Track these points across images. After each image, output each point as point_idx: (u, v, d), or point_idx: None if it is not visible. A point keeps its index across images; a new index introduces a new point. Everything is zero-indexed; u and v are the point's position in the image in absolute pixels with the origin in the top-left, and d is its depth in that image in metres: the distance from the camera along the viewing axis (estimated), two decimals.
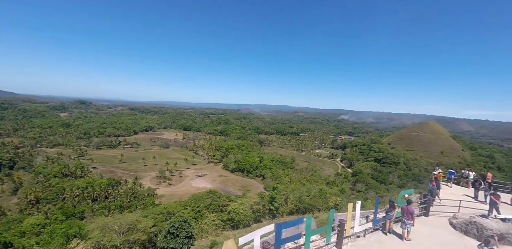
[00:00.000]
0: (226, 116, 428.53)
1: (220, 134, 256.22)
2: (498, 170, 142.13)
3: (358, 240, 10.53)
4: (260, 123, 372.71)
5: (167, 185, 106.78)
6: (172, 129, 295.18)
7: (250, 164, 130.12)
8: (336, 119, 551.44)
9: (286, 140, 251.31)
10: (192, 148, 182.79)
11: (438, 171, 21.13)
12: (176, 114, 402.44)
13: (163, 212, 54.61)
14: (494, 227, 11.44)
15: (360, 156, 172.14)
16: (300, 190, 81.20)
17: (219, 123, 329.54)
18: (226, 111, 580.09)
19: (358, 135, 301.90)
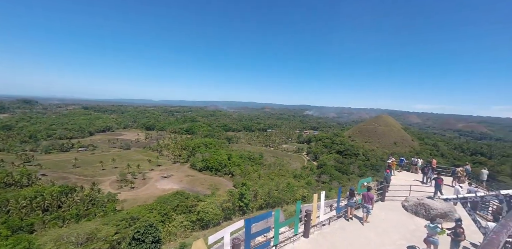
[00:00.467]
0: (192, 113, 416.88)
1: (186, 132, 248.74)
2: (442, 156, 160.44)
3: (323, 228, 11.05)
4: (228, 120, 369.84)
5: (130, 189, 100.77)
6: (133, 128, 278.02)
7: (219, 162, 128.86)
8: (302, 115, 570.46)
9: (254, 137, 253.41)
10: (156, 148, 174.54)
11: (391, 160, 23.07)
12: (137, 112, 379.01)
13: (126, 218, 51.57)
14: (438, 207, 12.86)
15: (324, 149, 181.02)
16: (269, 185, 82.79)
17: (184, 121, 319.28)
18: (192, 108, 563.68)
19: (322, 129, 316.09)
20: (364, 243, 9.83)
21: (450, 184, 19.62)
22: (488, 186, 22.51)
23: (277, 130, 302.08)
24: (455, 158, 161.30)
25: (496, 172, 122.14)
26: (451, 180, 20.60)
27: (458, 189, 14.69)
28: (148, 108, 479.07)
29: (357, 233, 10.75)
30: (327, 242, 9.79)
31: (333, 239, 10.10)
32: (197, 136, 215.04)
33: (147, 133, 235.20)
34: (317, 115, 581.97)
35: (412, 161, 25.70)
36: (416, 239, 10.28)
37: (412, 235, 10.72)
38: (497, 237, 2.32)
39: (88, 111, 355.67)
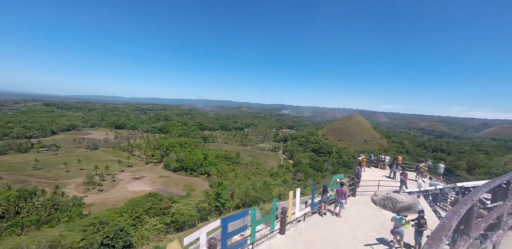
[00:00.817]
0: (165, 112, 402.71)
1: (160, 131, 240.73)
2: (407, 153, 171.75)
3: (299, 224, 11.32)
4: (204, 119, 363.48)
5: (98, 192, 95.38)
6: (101, 127, 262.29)
7: (194, 162, 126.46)
8: (278, 114, 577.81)
9: (231, 136, 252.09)
10: (127, 148, 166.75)
11: (362, 157, 24.28)
12: (106, 110, 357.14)
13: (94, 223, 48.83)
14: (404, 200, 13.77)
15: (300, 148, 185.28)
16: (246, 184, 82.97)
17: (158, 119, 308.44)
18: (165, 106, 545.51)
19: (297, 128, 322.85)
20: (337, 237, 10.24)
21: (414, 179, 21.10)
22: (446, 179, 24.56)
23: (254, 129, 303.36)
24: (418, 154, 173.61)
25: (454, 167, 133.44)
26: (415, 175, 22.17)
27: (421, 183, 15.83)
28: (118, 105, 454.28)
29: (330, 227, 11.16)
30: (303, 238, 10.05)
31: (308, 234, 10.40)
32: (171, 135, 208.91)
33: (116, 132, 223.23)
34: (293, 115, 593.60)
35: (380, 157, 27.25)
36: (384, 230, 10.91)
37: (381, 227, 11.38)
38: (449, 222, 2.66)
39: (51, 108, 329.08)
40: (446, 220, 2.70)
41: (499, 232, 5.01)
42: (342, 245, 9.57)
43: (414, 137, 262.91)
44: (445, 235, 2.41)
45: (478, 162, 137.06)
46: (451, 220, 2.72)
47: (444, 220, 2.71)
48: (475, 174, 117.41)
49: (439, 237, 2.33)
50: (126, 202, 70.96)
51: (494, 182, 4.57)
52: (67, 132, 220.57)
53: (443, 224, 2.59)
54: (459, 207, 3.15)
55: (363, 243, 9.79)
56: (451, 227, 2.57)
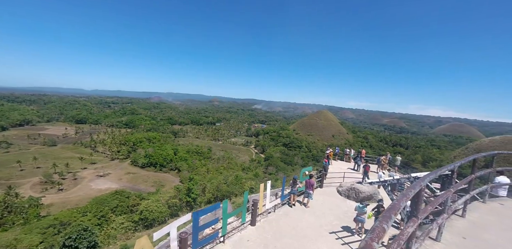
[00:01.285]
0: (132, 105, 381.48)
1: (126, 126, 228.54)
2: (370, 147, 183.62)
3: (269, 216, 11.68)
4: (174, 113, 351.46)
5: (57, 191, 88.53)
6: (60, 122, 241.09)
7: (164, 158, 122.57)
8: (250, 109, 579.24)
9: (202, 130, 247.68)
10: (90, 144, 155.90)
11: (329, 151, 25.54)
12: (65, 103, 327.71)
13: (54, 224, 45.50)
14: (366, 190, 14.85)
15: (271, 142, 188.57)
16: (218, 179, 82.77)
17: (123, 113, 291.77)
18: (132, 100, 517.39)
19: (269, 123, 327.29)
20: (305, 226, 10.78)
21: (376, 171, 22.80)
22: (404, 171, 26.85)
23: (226, 124, 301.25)
24: (380, 148, 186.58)
25: (411, 160, 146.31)
26: (376, 167, 23.95)
27: (381, 175, 17.16)
28: (78, 98, 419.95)
29: (299, 217, 11.70)
30: (273, 228, 10.42)
31: (278, 224, 10.80)
32: (138, 130, 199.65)
33: (77, 127, 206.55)
34: (265, 110, 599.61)
35: (345, 151, 28.98)
36: (347, 219, 11.73)
37: (345, 216, 12.19)
38: (398, 203, 3.06)
39: None
40: (396, 201, 3.09)
41: (443, 216, 5.71)
42: (309, 234, 10.11)
43: (377, 133, 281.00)
44: (394, 213, 2.75)
45: (431, 155, 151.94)
46: (400, 201, 3.12)
47: (394, 201, 3.11)
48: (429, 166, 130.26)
49: (389, 215, 2.66)
50: (89, 201, 66.91)
51: (440, 170, 5.18)
52: (20, 128, 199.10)
53: (393, 205, 2.96)
54: (408, 191, 3.58)
55: (328, 231, 10.43)
56: (400, 207, 2.94)
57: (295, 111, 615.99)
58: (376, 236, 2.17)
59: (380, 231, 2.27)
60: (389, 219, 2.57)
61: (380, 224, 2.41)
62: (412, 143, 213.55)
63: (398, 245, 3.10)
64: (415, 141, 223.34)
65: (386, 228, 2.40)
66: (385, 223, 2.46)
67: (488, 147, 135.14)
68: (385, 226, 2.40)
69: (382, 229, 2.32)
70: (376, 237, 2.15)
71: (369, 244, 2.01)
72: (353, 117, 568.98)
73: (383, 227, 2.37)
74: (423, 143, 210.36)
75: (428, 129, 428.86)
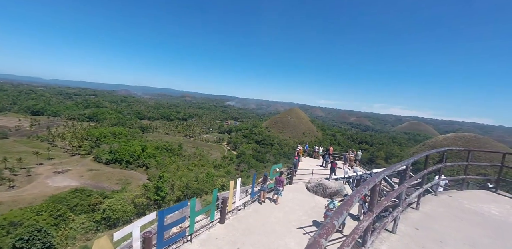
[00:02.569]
0: (96, 98, 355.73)
1: (89, 119, 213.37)
2: (338, 144, 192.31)
3: (239, 213, 11.70)
4: (142, 107, 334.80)
5: (8, 188, 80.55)
6: (12, 113, 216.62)
7: (130, 154, 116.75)
8: (223, 105, 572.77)
9: (173, 126, 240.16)
10: (47, 137, 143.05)
11: (299, 148, 26.25)
12: (19, 92, 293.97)
13: (2, 225, 41.21)
14: (332, 186, 15.52)
15: (244, 139, 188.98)
16: (188, 176, 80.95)
17: (86, 106, 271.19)
18: (96, 91, 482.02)
19: (242, 120, 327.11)
20: (274, 222, 10.98)
21: (341, 167, 23.96)
22: (368, 167, 28.55)
23: (198, 120, 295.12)
24: (348, 145, 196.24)
25: (375, 156, 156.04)
26: (342, 164, 25.17)
27: (347, 171, 18.06)
28: (35, 88, 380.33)
29: (268, 214, 11.88)
30: (242, 225, 10.46)
31: (247, 221, 10.86)
32: (103, 124, 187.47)
33: (33, 119, 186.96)
34: (238, 106, 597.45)
35: (314, 148, 30.00)
36: (315, 214, 12.17)
37: (313, 211, 12.64)
38: (351, 199, 3.17)
39: None
40: (349, 197, 3.20)
41: (399, 209, 6.16)
42: (277, 229, 10.32)
43: (345, 130, 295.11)
44: (346, 209, 2.85)
45: (393, 152, 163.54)
46: (353, 197, 3.23)
47: (348, 197, 3.21)
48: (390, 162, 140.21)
49: (341, 211, 2.76)
50: (46, 199, 61.69)
51: (395, 166, 5.56)
52: None
53: (346, 201, 3.07)
54: (362, 187, 3.72)
55: (296, 227, 10.74)
56: (352, 203, 3.06)
57: (268, 108, 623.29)
58: (325, 232, 2.16)
59: (330, 228, 2.29)
60: (340, 215, 2.62)
61: (331, 221, 2.43)
62: (376, 140, 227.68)
63: (352, 239, 3.27)
64: (379, 139, 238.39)
65: (336, 224, 2.43)
66: (336, 219, 2.50)
67: (442, 143, 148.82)
68: (335, 222, 2.43)
69: (332, 226, 2.35)
70: (325, 233, 2.13)
71: (317, 240, 1.99)
72: (323, 115, 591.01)
73: (333, 223, 2.40)
74: (386, 141, 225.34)
75: (390, 127, 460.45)
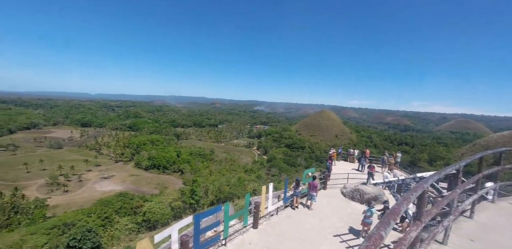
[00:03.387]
0: (135, 108, 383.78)
1: (130, 129, 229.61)
2: (375, 147, 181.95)
3: (271, 218, 11.50)
4: (176, 115, 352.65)
5: (62, 193, 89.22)
6: (66, 125, 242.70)
7: (167, 160, 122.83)
8: (252, 110, 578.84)
9: (205, 132, 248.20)
10: (94, 146, 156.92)
11: (332, 151, 25.26)
12: (70, 107, 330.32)
13: (58, 225, 45.69)
14: (370, 191, 14.60)
15: (274, 143, 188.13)
16: (220, 181, 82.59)
17: (127, 116, 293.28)
18: (135, 103, 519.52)
19: (271, 124, 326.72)
20: (308, 229, 10.58)
21: (380, 171, 22.50)
22: (410, 171, 26.48)
23: (228, 126, 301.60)
24: (385, 148, 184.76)
25: (417, 159, 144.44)
26: (381, 167, 23.66)
27: (386, 175, 16.90)
28: (83, 102, 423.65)
29: (302, 220, 11.50)
30: (275, 231, 10.24)
31: (280, 227, 10.62)
32: (142, 133, 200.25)
33: (82, 130, 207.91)
34: (267, 111, 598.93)
35: (349, 151, 28.58)
36: (352, 221, 11.50)
37: (349, 218, 11.97)
38: (399, 207, 2.85)
39: (7, 105, 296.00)
40: (396, 206, 2.88)
41: (450, 218, 5.50)
42: (312, 236, 9.91)
43: (381, 131, 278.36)
44: (393, 219, 2.54)
45: (438, 154, 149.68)
46: (400, 205, 2.90)
47: (394, 206, 2.88)
48: (435, 165, 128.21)
49: (388, 221, 2.45)
50: (94, 202, 67.28)
51: (445, 170, 4.97)
52: (27, 131, 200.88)
53: (392, 210, 2.75)
54: (409, 194, 3.36)
55: (332, 234, 10.22)
56: (400, 212, 2.74)
57: (297, 111, 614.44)
58: (373, 244, 2.00)
59: (377, 239, 2.13)
60: (387, 225, 2.36)
61: (378, 231, 2.22)
62: (418, 141, 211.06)
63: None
64: (421, 139, 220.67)
65: (384, 235, 2.21)
66: (383, 229, 2.26)
67: (496, 143, 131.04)
68: (382, 233, 2.21)
69: (380, 237, 2.17)
70: (372, 245, 1.98)
71: None
72: (356, 116, 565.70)
73: (381, 234, 2.19)
74: (429, 141, 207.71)
75: (434, 126, 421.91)
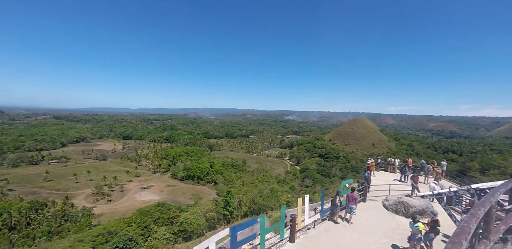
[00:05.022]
0: (171, 121, 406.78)
1: (166, 141, 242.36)
2: (417, 155, 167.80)
3: (309, 232, 11.03)
4: (209, 127, 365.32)
5: (106, 202, 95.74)
6: (110, 138, 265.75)
7: (201, 171, 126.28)
8: (283, 120, 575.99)
9: (237, 143, 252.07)
10: (135, 158, 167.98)
11: (371, 161, 23.82)
12: (114, 121, 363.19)
13: (102, 233, 48.71)
14: (417, 204, 13.36)
15: (306, 153, 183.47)
16: (253, 192, 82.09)
17: (164, 129, 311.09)
18: (171, 116, 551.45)
19: (303, 133, 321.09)
20: (349, 244, 9.92)
21: (424, 182, 20.56)
22: (459, 181, 23.82)
23: (259, 136, 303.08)
24: (429, 156, 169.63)
25: (467, 168, 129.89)
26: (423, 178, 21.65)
27: (434, 186, 15.38)
28: (125, 116, 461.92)
29: (342, 234, 10.85)
30: (313, 245, 9.77)
31: (318, 241, 10.11)
32: (177, 145, 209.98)
33: (124, 143, 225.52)
34: (298, 120, 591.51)
35: (389, 161, 26.67)
36: (398, 236, 10.54)
37: (394, 233, 11.00)
38: (468, 225, 2.49)
39: (60, 121, 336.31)
40: (464, 223, 2.53)
41: None
42: None
43: (423, 139, 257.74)
44: (465, 238, 2.24)
45: (492, 162, 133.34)
46: (469, 223, 2.55)
47: (462, 224, 2.54)
48: (489, 174, 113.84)
49: (459, 241, 2.16)
50: (134, 212, 70.97)
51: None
52: (76, 144, 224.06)
53: (462, 228, 2.40)
54: (477, 210, 2.96)
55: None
56: (471, 231, 2.40)
57: (330, 120, 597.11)
58: None
59: None
60: (459, 246, 2.07)
61: None
62: (467, 148, 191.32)
63: None
64: (470, 146, 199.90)
65: None
66: None
67: None
68: None
69: None
70: None
71: None
72: (394, 123, 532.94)
73: None
74: (480, 148, 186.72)
75: (485, 131, 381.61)
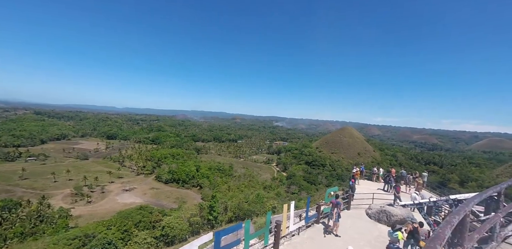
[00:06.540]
0: (159, 122, 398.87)
1: (152, 142, 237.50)
2: (400, 166, 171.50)
3: (293, 238, 11.10)
4: (197, 130, 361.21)
5: (86, 204, 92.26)
6: (93, 137, 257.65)
7: (186, 174, 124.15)
8: (272, 126, 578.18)
9: (224, 147, 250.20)
10: (118, 159, 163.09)
11: (356, 170, 24.32)
12: (98, 120, 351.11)
13: (79, 236, 46.78)
14: (398, 213, 13.73)
15: (293, 160, 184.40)
16: (239, 197, 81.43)
17: (150, 130, 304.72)
18: (159, 117, 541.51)
19: (291, 140, 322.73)
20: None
21: (406, 191, 21.17)
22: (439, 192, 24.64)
23: (248, 141, 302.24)
24: (411, 167, 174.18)
25: (447, 180, 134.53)
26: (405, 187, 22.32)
27: (415, 196, 15.87)
28: (110, 115, 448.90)
29: (326, 242, 10.97)
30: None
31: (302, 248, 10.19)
32: (163, 146, 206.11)
33: (108, 143, 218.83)
34: (287, 127, 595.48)
35: (373, 170, 27.33)
36: (380, 244, 10.78)
37: (376, 241, 11.24)
38: (443, 231, 2.67)
39: (41, 116, 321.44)
40: (440, 230, 2.72)
41: (492, 244, 5.05)
42: None
43: (407, 150, 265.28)
44: (440, 244, 2.39)
45: (470, 174, 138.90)
46: (444, 229, 2.73)
47: (438, 230, 2.73)
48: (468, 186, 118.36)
49: (434, 246, 2.31)
50: (114, 214, 68.63)
51: (486, 193, 4.66)
52: (57, 142, 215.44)
53: (437, 234, 2.59)
54: (452, 217, 3.18)
55: None
56: (445, 237, 2.58)
57: (318, 128, 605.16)
58: None
59: None
60: None
61: None
62: (447, 161, 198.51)
63: None
64: (450, 159, 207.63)
65: None
66: None
67: None
68: None
69: None
70: None
71: None
72: (380, 134, 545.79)
73: None
74: (460, 161, 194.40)
75: (464, 145, 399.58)
